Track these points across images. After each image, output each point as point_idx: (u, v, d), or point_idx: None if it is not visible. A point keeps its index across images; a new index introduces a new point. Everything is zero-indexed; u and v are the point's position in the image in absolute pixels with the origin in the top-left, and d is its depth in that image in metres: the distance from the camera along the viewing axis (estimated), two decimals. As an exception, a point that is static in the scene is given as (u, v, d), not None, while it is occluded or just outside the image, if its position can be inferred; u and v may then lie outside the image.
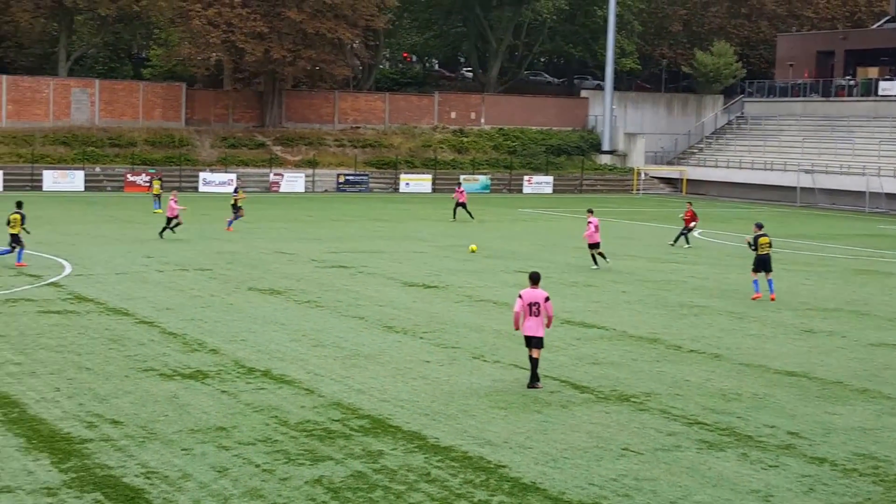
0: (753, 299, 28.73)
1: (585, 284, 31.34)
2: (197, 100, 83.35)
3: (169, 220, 40.18)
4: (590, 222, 34.46)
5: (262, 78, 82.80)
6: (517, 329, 18.45)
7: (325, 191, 76.96)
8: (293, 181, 76.23)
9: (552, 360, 20.28)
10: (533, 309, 17.88)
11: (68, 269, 30.79)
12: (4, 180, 68.37)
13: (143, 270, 31.35)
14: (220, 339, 21.54)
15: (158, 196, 54.12)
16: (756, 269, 29.04)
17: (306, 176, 77.30)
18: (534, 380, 18.33)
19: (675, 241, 43.01)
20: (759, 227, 29.32)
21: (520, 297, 18.05)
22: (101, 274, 30.26)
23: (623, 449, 15.12)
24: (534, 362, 18.23)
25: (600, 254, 34.67)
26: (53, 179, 69.46)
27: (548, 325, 18.17)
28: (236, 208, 44.54)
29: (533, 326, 17.96)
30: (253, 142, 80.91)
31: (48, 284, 27.95)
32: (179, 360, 19.56)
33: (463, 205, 52.96)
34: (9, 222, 31.17)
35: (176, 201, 40.52)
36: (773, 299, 28.58)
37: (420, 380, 18.75)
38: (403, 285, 30.08)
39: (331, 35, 77.44)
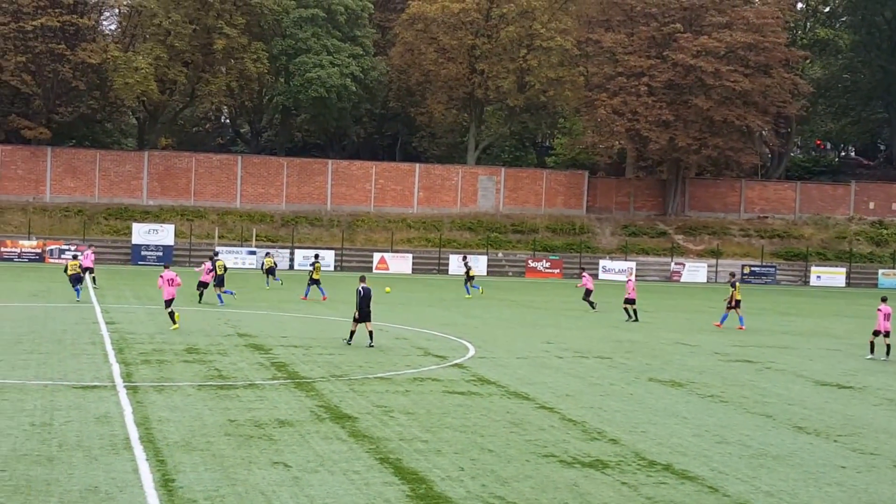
0: None
1: None
2: (598, 187, 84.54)
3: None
4: (879, 310, 33.51)
5: (665, 166, 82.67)
6: None
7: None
8: (695, 271, 75.00)
9: None
10: None
11: (472, 352, 31.55)
12: (413, 264, 72.27)
13: (543, 356, 31.55)
14: (621, 429, 21.01)
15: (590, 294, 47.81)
16: None
17: (709, 266, 75.81)
18: None
19: None
20: None
21: None
22: (503, 357, 30.74)
23: None
24: None
25: (887, 344, 33.78)
26: (458, 264, 72.55)
27: None
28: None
29: None
30: (654, 230, 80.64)
31: (453, 365, 28.69)
32: (579, 447, 19.21)
33: (588, 292, 47.40)
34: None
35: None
36: None
37: (835, 486, 17.25)
38: (815, 384, 28.25)
39: (739, 122, 76.17)
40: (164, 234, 69.70)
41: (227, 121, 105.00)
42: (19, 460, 16.36)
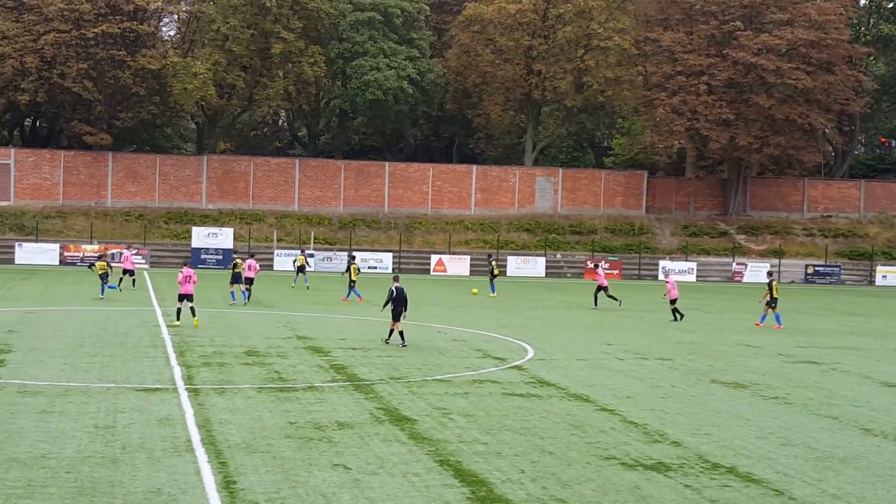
0: None
1: None
2: (658, 188, 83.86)
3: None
4: None
5: (725, 165, 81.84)
6: None
7: (792, 282, 74.07)
8: (757, 271, 74.15)
9: None
10: None
11: (531, 353, 31.38)
12: (471, 266, 72.14)
13: (603, 357, 31.30)
14: (683, 432, 20.74)
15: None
16: None
17: (771, 266, 74.89)
18: None
19: None
20: None
21: None
22: (562, 359, 30.54)
23: None
24: None
25: None
26: (516, 265, 72.36)
27: None
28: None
29: None
30: (715, 230, 79.89)
31: (512, 367, 28.56)
32: (641, 450, 18.99)
33: (604, 289, 48.52)
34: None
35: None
36: None
37: (904, 490, 16.89)
38: (882, 385, 27.72)
39: (801, 121, 75.20)
40: (223, 237, 70.23)
41: (285, 124, 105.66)
42: (84, 462, 16.52)
